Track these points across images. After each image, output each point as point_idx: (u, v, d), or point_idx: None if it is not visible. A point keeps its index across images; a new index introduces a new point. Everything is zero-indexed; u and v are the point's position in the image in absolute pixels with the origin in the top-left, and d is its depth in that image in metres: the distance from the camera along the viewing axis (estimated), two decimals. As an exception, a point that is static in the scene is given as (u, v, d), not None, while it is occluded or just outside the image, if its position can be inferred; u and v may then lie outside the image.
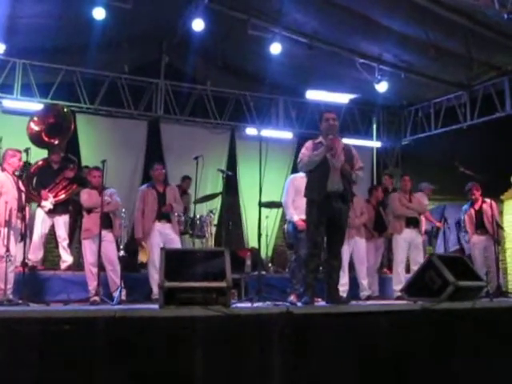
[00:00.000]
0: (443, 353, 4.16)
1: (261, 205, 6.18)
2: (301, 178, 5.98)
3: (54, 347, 3.31)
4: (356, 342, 3.97)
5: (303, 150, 5.57)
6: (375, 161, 11.93)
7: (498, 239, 7.82)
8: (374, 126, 11.93)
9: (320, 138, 5.58)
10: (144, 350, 3.46)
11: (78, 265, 7.59)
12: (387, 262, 8.82)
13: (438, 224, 9.14)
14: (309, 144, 5.61)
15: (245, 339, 3.70)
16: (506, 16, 6.96)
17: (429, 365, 4.10)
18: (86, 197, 6.83)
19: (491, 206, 7.79)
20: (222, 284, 4.34)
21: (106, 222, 6.67)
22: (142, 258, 7.33)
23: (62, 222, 7.46)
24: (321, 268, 5.73)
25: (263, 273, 7.45)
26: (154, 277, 6.64)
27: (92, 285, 6.51)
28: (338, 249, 5.55)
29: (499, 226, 8.17)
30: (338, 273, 5.62)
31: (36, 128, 8.01)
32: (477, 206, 8.19)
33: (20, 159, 6.33)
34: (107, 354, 3.37)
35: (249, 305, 5.19)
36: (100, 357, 3.34)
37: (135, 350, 3.45)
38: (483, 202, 8.08)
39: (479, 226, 8.14)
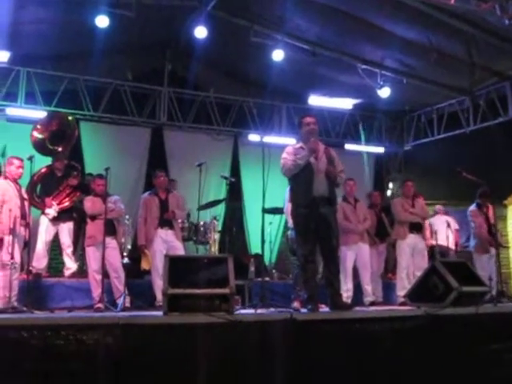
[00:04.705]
0: (447, 358, 4.15)
1: (264, 211, 6.17)
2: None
3: (58, 354, 3.32)
4: (360, 347, 3.97)
5: (284, 155, 5.49)
6: (378, 166, 11.96)
7: (502, 243, 7.74)
8: (377, 131, 11.97)
9: (300, 143, 5.56)
10: (148, 357, 3.47)
11: (81, 272, 7.60)
12: (391, 268, 8.80)
13: None
14: (289, 149, 5.54)
15: (248, 345, 3.70)
16: (507, 21, 6.97)
17: (433, 370, 4.10)
18: (90, 204, 6.86)
19: (492, 211, 7.76)
20: (226, 290, 4.34)
21: (110, 228, 6.68)
22: (144, 265, 7.35)
23: (66, 229, 7.48)
24: (320, 273, 5.72)
25: (267, 279, 7.44)
26: (158, 283, 6.64)
27: (96, 292, 6.52)
28: (333, 254, 5.46)
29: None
30: (338, 278, 5.52)
31: (39, 136, 8.01)
32: (485, 210, 8.02)
33: (18, 167, 6.34)
34: (111, 360, 3.38)
35: (252, 311, 5.17)
36: (104, 363, 3.36)
37: (139, 357, 3.46)
38: (487, 208, 7.99)
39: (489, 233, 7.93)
